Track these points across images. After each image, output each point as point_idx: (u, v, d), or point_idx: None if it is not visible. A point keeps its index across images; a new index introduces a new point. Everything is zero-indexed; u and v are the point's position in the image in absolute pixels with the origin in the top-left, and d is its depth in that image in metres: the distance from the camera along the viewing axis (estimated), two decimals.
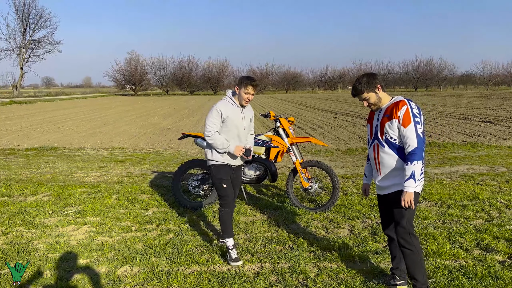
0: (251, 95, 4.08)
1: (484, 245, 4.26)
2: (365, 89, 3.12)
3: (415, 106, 3.05)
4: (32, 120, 21.24)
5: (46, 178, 7.73)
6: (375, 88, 3.12)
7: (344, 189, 6.64)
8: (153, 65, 76.02)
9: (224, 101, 4.15)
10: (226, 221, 4.15)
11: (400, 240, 3.15)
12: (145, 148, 12.17)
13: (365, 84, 3.12)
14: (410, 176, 2.95)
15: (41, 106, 35.92)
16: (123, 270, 3.82)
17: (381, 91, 3.15)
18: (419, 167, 2.95)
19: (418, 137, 2.96)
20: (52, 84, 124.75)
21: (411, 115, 2.98)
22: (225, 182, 4.15)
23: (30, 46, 61.74)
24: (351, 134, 13.94)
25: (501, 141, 11.82)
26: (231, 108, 4.11)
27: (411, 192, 2.97)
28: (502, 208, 5.50)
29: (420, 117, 3.02)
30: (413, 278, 3.14)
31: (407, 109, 2.99)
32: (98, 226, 4.99)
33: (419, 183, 2.98)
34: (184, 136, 6.18)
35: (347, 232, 4.82)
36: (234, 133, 4.13)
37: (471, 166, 8.48)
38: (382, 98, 3.15)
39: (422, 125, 3.01)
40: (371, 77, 3.15)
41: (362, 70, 79.55)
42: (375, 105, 3.18)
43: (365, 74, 3.20)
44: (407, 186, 2.96)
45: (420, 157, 2.95)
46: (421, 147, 2.96)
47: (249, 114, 4.28)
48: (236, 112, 4.12)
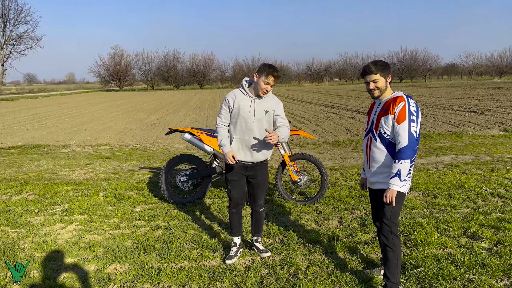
0: (270, 86, 3.67)
1: (471, 233, 4.32)
2: (379, 71, 3.06)
3: (413, 103, 3.00)
4: (15, 118, 20.82)
5: (31, 177, 7.59)
6: (387, 75, 3.09)
7: (333, 181, 6.67)
8: (137, 60, 75.11)
9: (236, 90, 3.84)
10: (231, 220, 4.05)
11: (381, 236, 3.17)
12: (131, 144, 12.04)
13: (380, 67, 3.06)
14: (396, 174, 2.94)
15: (24, 103, 35.25)
16: (112, 267, 3.78)
17: (389, 82, 3.12)
18: (407, 166, 2.92)
19: (411, 136, 2.91)
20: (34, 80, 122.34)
21: (407, 112, 2.93)
22: (229, 182, 3.92)
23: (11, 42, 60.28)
24: (338, 126, 14.01)
25: (485, 131, 12.01)
26: (241, 98, 3.76)
27: (394, 190, 2.96)
28: (487, 196, 5.59)
29: (417, 115, 2.96)
30: (386, 276, 3.15)
31: (404, 105, 2.95)
32: (85, 224, 4.92)
33: (404, 183, 2.95)
34: (171, 131, 6.12)
35: (336, 223, 4.85)
36: (242, 126, 3.75)
37: (456, 156, 8.60)
38: (387, 89, 3.12)
39: (418, 124, 2.96)
40: (387, 65, 3.12)
41: (348, 62, 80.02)
42: (380, 91, 3.10)
43: (381, 60, 3.16)
44: (391, 184, 2.96)
45: (409, 156, 2.91)
46: (411, 146, 2.92)
47: (265, 106, 3.77)
48: (245, 103, 3.74)
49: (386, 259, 3.15)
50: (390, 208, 3.07)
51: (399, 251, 3.13)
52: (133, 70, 75.26)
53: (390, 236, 3.11)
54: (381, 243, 3.19)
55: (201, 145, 5.67)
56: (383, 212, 3.12)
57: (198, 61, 74.61)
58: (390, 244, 3.12)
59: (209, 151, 5.68)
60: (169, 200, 5.65)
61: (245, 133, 3.77)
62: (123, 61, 73.76)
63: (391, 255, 3.12)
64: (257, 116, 3.74)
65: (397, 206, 3.07)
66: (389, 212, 3.08)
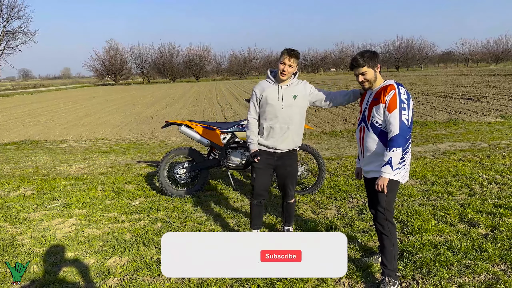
0: (288, 66, 3.56)
1: (467, 220, 4.36)
2: (367, 63, 3.06)
3: (404, 91, 2.99)
4: (11, 114, 20.72)
5: (28, 172, 7.58)
6: (375, 66, 3.09)
7: (330, 171, 6.70)
8: (133, 53, 74.65)
9: (263, 81, 3.81)
10: (251, 212, 3.99)
11: (377, 224, 3.19)
12: (128, 138, 12.02)
13: (367, 59, 3.06)
14: (387, 162, 2.95)
15: (20, 99, 35.05)
16: (112, 261, 3.79)
17: (378, 71, 3.13)
18: (398, 154, 2.93)
19: (402, 124, 2.92)
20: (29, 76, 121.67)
21: (398, 101, 2.93)
22: (254, 171, 3.82)
23: (5, 37, 59.78)
24: (335, 116, 14.01)
25: (482, 117, 12.04)
26: (267, 86, 3.72)
27: (385, 178, 2.98)
28: (484, 182, 5.63)
29: (408, 103, 2.95)
30: (383, 263, 3.18)
31: (394, 94, 2.95)
32: (84, 218, 4.93)
33: (398, 171, 2.97)
34: (168, 124, 6.11)
35: (334, 213, 4.87)
36: (272, 114, 3.68)
37: (453, 143, 8.63)
38: (378, 78, 3.13)
39: (410, 111, 2.96)
40: (375, 55, 3.11)
41: (344, 52, 79.67)
42: (369, 83, 3.11)
43: (368, 50, 3.14)
44: (383, 172, 2.97)
45: (400, 144, 2.91)
46: (403, 134, 2.92)
47: (293, 91, 3.68)
48: (273, 91, 3.68)
49: (383, 247, 3.17)
50: (384, 196, 3.08)
51: (395, 239, 3.15)
52: (129, 64, 74.89)
53: (385, 223, 3.14)
54: (378, 231, 3.22)
55: (198, 138, 5.67)
56: (377, 200, 3.13)
57: (194, 53, 74.24)
58: (386, 232, 3.14)
59: (206, 143, 5.69)
60: (167, 193, 5.66)
61: (274, 120, 3.69)
62: (118, 54, 73.32)
63: (387, 242, 3.14)
64: (286, 103, 3.66)
65: (391, 194, 3.09)
66: (383, 200, 3.10)
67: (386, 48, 77.54)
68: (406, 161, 3.04)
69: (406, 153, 3.02)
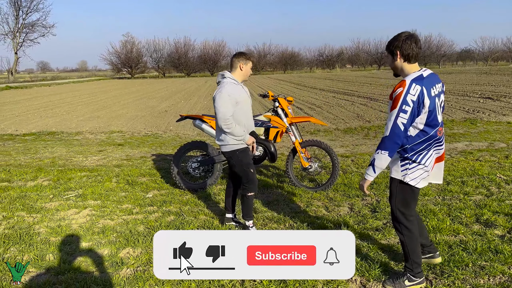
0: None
1: (483, 220, 4.28)
2: (387, 46, 2.83)
3: (416, 92, 2.67)
4: (29, 105, 21.10)
5: (45, 163, 7.72)
6: (393, 52, 2.81)
7: (344, 168, 6.65)
8: (149, 47, 75.07)
9: (231, 84, 3.89)
10: (251, 205, 4.21)
11: (393, 223, 3.16)
12: (143, 131, 12.13)
13: (388, 43, 2.83)
14: (370, 163, 2.87)
15: (38, 91, 35.65)
16: (125, 252, 3.84)
17: (400, 60, 2.81)
18: (381, 158, 2.76)
19: (395, 127, 2.69)
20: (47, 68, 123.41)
21: (400, 101, 2.67)
22: (252, 167, 4.09)
23: (24, 30, 60.81)
24: (350, 113, 13.89)
25: (500, 117, 11.80)
26: (239, 90, 3.94)
27: (365, 179, 2.90)
28: (501, 183, 5.52)
29: (413, 107, 2.67)
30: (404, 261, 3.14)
31: (401, 92, 2.69)
32: (99, 210, 5.00)
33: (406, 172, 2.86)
34: (182, 118, 6.14)
35: (347, 210, 4.84)
36: (246, 111, 4.03)
37: (470, 143, 8.48)
38: (404, 69, 2.84)
39: (412, 117, 2.70)
40: (395, 39, 2.79)
41: (361, 48, 78.80)
42: (392, 70, 2.93)
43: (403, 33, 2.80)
44: (365, 173, 2.91)
45: (387, 148, 2.73)
46: (392, 139, 2.71)
47: (247, 90, 4.17)
48: (243, 93, 3.99)
49: (401, 245, 3.13)
50: (393, 196, 3.03)
51: (408, 239, 3.04)
52: (145, 58, 75.33)
53: (396, 224, 3.09)
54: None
55: (212, 132, 5.69)
56: (390, 199, 3.10)
57: (209, 48, 74.29)
58: (398, 231, 3.10)
59: None
60: (181, 187, 5.70)
61: (248, 118, 4.08)
62: (134, 48, 73.83)
63: (401, 241, 3.11)
64: (250, 100, 4.16)
65: (402, 195, 2.98)
66: (394, 199, 3.04)
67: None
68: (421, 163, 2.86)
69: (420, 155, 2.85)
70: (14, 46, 60.23)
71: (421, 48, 2.80)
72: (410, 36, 2.79)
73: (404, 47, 2.76)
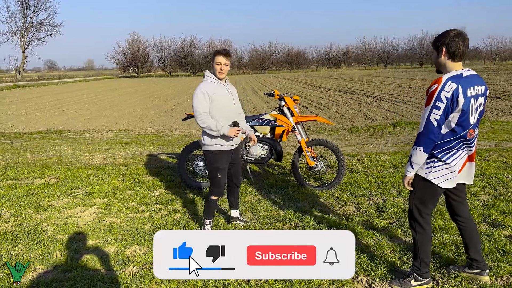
0: (223, 64, 3.83)
1: (491, 220, 4.25)
2: (434, 42, 2.79)
3: (451, 89, 2.65)
4: (37, 104, 21.25)
5: (52, 161, 7.77)
6: (438, 48, 2.77)
7: (350, 167, 6.63)
8: (155, 46, 75.48)
9: (206, 81, 3.90)
10: (212, 207, 4.15)
11: (408, 218, 3.13)
12: (149, 130, 12.18)
13: (435, 38, 2.79)
14: (408, 159, 2.89)
15: (45, 89, 35.90)
16: (131, 250, 3.86)
17: (444, 57, 2.77)
18: (418, 154, 2.78)
19: (428, 123, 2.71)
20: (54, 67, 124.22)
21: (434, 97, 2.68)
22: (220, 172, 3.99)
23: (31, 29, 61.32)
24: (356, 112, 13.84)
25: (508, 116, 11.70)
26: (215, 86, 3.88)
27: (405, 175, 2.93)
28: (509, 183, 5.48)
29: (446, 103, 2.66)
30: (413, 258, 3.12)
31: (435, 88, 2.68)
32: (105, 208, 5.03)
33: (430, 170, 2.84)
34: (188, 117, 6.15)
35: (353, 209, 4.83)
36: (224, 113, 3.90)
37: (477, 142, 8.41)
38: (447, 66, 2.79)
39: (444, 114, 2.68)
40: (443, 36, 2.75)
41: (367, 47, 78.52)
42: (436, 67, 2.88)
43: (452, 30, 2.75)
44: (405, 170, 2.93)
45: (422, 144, 2.75)
46: (426, 135, 2.72)
47: (233, 89, 4.09)
48: (220, 89, 3.90)
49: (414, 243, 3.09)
50: (413, 191, 3.01)
51: (420, 237, 3.01)
52: (151, 57, 75.77)
53: (412, 222, 3.06)
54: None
55: None
56: (410, 194, 3.07)
57: (215, 47, 74.30)
58: (412, 227, 3.08)
59: None
60: (187, 185, 5.71)
61: (230, 117, 3.96)
62: (140, 47, 74.26)
63: (413, 238, 3.08)
64: (234, 99, 4.05)
65: (421, 191, 2.96)
66: (412, 195, 3.02)
67: (410, 44, 76.17)
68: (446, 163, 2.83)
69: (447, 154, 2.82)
70: (21, 45, 60.73)
71: (468, 47, 2.76)
72: (459, 34, 2.75)
73: (451, 44, 2.73)
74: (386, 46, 77.34)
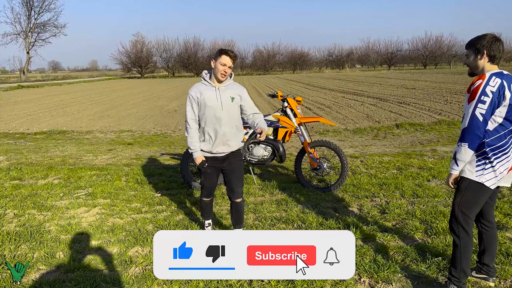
0: (227, 67, 3.56)
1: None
2: (469, 45, 2.81)
3: (496, 84, 2.65)
4: (40, 104, 21.34)
5: (56, 161, 7.80)
6: (478, 51, 2.77)
7: (353, 169, 6.62)
8: (158, 47, 75.71)
9: (197, 84, 3.73)
10: (204, 208, 4.09)
11: (450, 223, 2.99)
12: (153, 131, 12.20)
13: (470, 42, 2.81)
14: (453, 156, 2.81)
15: (49, 90, 36.05)
16: (134, 250, 3.86)
17: (484, 59, 2.77)
18: (462, 150, 2.72)
19: (473, 118, 2.65)
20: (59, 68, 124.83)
21: (479, 92, 2.64)
22: (203, 174, 3.83)
23: (36, 30, 61.65)
24: (359, 114, 13.82)
25: None
26: (204, 89, 3.66)
27: (450, 173, 2.84)
28: None
29: (492, 97, 2.63)
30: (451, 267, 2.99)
31: (480, 84, 2.66)
32: (108, 208, 5.04)
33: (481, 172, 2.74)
34: None
35: (356, 211, 4.82)
36: (211, 116, 3.64)
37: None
38: (485, 68, 2.79)
39: (490, 108, 2.64)
40: (482, 39, 2.77)
41: (370, 48, 78.44)
42: (470, 69, 2.87)
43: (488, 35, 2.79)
44: (450, 167, 2.85)
45: (467, 140, 2.69)
46: (471, 130, 2.67)
47: (230, 93, 3.69)
48: (209, 93, 3.64)
49: (453, 250, 2.96)
50: (460, 193, 2.88)
51: (463, 244, 2.89)
52: (154, 57, 76.00)
53: (456, 226, 2.91)
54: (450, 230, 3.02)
55: None
56: (455, 197, 2.94)
57: (219, 47, 74.12)
58: (455, 234, 2.92)
59: None
60: (190, 186, 5.72)
61: (215, 123, 3.66)
62: (144, 48, 74.49)
63: (455, 245, 2.93)
64: (225, 104, 3.65)
65: (470, 194, 2.84)
66: (459, 197, 2.89)
67: (413, 45, 75.97)
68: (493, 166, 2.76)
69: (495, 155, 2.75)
70: (26, 46, 61.06)
71: (503, 51, 2.83)
72: (498, 39, 2.80)
73: (493, 47, 2.77)
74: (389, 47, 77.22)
